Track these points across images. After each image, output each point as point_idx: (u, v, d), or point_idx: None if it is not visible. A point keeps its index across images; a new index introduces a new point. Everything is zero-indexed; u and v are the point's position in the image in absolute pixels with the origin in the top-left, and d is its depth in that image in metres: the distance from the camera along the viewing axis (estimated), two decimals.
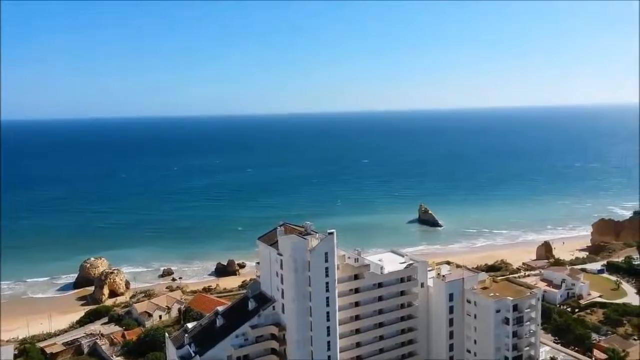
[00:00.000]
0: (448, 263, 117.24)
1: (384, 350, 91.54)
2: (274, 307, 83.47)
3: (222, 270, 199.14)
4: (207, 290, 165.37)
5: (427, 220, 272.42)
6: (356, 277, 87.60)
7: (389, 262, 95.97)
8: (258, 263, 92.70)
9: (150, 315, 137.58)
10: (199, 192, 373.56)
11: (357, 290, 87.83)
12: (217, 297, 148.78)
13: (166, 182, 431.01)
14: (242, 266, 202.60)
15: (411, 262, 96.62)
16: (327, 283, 78.94)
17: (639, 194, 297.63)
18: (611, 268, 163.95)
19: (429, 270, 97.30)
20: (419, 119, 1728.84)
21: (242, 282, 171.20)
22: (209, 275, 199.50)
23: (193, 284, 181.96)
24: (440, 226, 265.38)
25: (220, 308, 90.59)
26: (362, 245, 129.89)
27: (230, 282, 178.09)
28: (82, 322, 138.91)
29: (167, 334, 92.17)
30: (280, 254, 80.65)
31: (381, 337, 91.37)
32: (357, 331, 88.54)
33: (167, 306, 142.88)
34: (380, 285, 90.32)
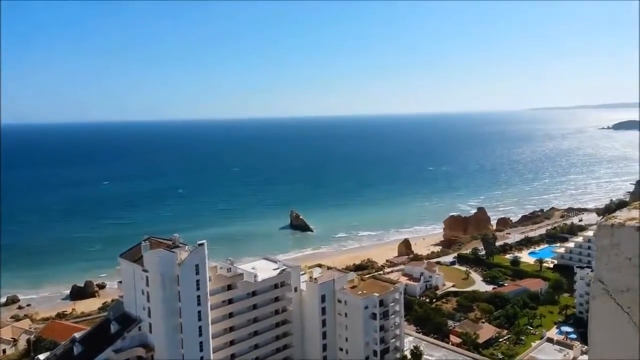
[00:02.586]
0: (320, 266, 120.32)
1: (259, 359, 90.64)
2: (140, 327, 77.88)
3: (79, 293, 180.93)
4: (61, 316, 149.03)
5: (298, 226, 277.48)
6: (229, 287, 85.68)
7: (263, 270, 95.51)
8: (120, 282, 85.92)
9: None
10: (47, 210, 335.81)
11: (230, 301, 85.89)
12: (74, 322, 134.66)
13: (5, 199, 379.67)
14: (102, 287, 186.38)
15: (284, 267, 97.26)
16: (198, 296, 75.91)
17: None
18: (461, 259, 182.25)
19: (302, 274, 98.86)
20: (290, 126, 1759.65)
21: (103, 303, 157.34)
22: (63, 299, 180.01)
23: (44, 311, 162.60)
24: (312, 231, 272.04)
25: (77, 334, 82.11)
26: (234, 254, 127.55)
27: (89, 305, 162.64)
28: None
29: None
30: (145, 270, 75.60)
31: (256, 346, 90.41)
32: (232, 343, 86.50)
33: (13, 338, 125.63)
34: (254, 293, 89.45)
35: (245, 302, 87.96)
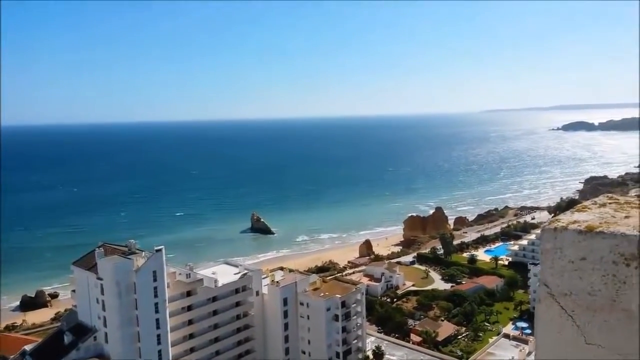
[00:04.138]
0: (281, 269, 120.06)
1: None
2: (95, 337, 75.29)
3: (30, 303, 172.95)
4: (10, 328, 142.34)
5: (260, 229, 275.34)
6: (189, 293, 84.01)
7: (224, 274, 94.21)
8: (74, 291, 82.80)
9: None
10: None
11: (190, 307, 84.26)
12: (25, 334, 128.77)
13: None
14: (54, 296, 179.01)
15: (245, 271, 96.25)
16: (156, 304, 74.06)
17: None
18: (421, 259, 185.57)
19: (264, 278, 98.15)
20: (249, 128, 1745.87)
21: (56, 314, 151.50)
22: (13, 311, 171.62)
23: None
24: (273, 233, 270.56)
25: (28, 347, 78.56)
26: (194, 260, 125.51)
27: (41, 316, 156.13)
28: None
29: None
30: (100, 278, 73.15)
31: (217, 352, 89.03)
32: (192, 350, 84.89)
33: None
34: (214, 299, 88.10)
35: (206, 308, 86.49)
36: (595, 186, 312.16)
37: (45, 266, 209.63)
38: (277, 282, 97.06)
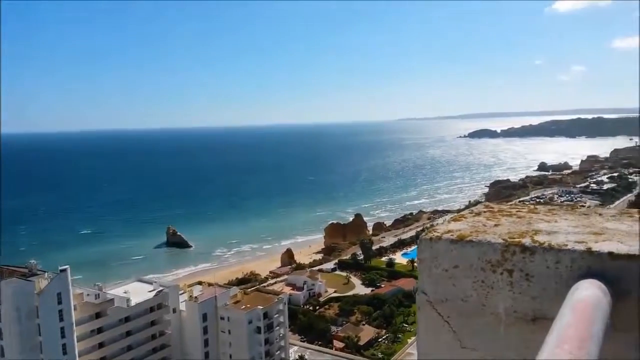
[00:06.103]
0: (200, 283, 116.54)
1: None
2: None
3: None
4: None
5: (176, 243, 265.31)
6: (98, 315, 79.13)
7: (137, 293, 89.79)
8: None
9: None
10: None
11: (100, 330, 79.31)
12: None
13: None
14: None
15: (161, 288, 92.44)
16: (62, 328, 69.01)
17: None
18: (342, 265, 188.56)
19: (181, 294, 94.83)
20: (158, 139, 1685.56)
21: None
22: None
23: None
24: (191, 247, 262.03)
25: None
26: (104, 279, 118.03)
27: None
28: None
29: None
30: None
31: None
32: None
33: None
34: (127, 319, 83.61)
35: (118, 330, 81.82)
36: (499, 189, 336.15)
37: None
38: (196, 297, 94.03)
